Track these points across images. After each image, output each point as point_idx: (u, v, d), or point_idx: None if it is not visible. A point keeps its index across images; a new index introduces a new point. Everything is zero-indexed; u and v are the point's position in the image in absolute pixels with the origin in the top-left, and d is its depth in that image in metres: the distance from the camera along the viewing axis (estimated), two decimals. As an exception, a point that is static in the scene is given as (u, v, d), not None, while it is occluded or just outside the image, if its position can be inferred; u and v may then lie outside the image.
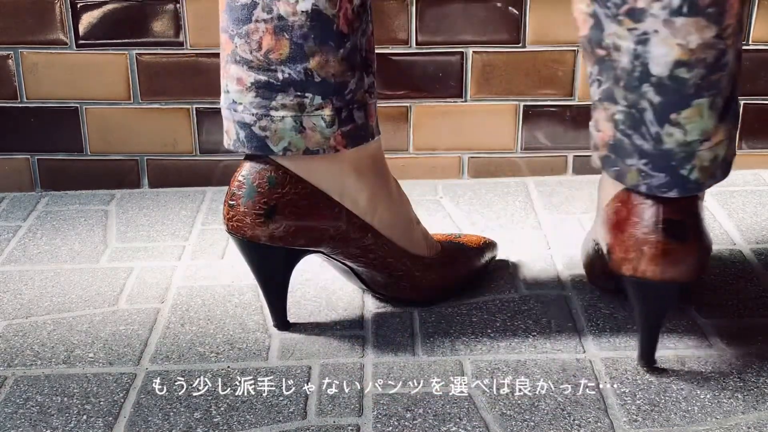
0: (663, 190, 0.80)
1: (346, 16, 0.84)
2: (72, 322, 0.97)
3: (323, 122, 0.85)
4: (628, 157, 0.81)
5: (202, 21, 1.23)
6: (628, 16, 0.76)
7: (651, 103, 0.78)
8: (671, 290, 0.83)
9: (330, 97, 0.85)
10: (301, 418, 0.82)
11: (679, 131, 0.78)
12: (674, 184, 0.80)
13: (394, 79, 1.25)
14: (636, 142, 0.80)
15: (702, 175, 0.80)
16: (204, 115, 1.27)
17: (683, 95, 0.77)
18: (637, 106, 0.79)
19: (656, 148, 0.79)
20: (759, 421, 0.80)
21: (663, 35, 0.76)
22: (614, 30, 0.78)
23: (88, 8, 1.22)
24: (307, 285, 1.04)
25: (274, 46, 0.83)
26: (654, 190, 0.80)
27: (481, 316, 0.97)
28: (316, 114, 0.85)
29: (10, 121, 1.27)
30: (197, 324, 0.97)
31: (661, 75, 0.77)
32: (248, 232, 0.87)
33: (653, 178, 0.80)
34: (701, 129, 0.79)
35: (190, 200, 1.26)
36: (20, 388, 0.87)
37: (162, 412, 0.83)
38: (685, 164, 0.79)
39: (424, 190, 1.28)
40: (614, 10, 0.77)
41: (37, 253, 1.12)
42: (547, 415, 0.81)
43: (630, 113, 0.79)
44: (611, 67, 0.79)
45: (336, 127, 0.86)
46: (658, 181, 0.80)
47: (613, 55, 0.79)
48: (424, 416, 0.81)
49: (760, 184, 1.27)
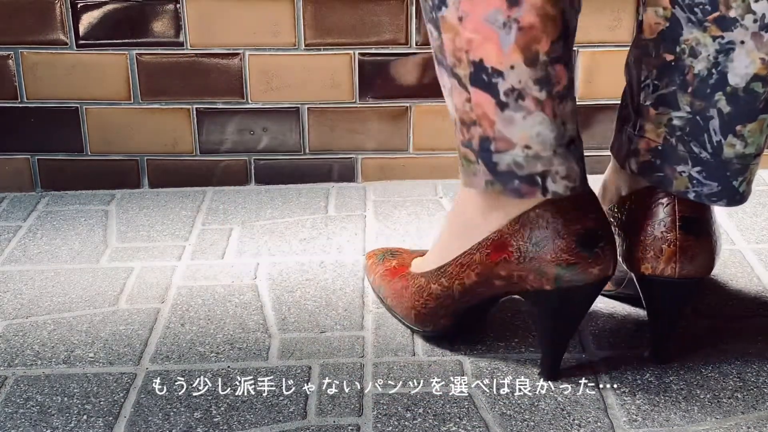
0: (713, 199, 0.82)
1: None
2: (72, 322, 0.97)
3: None
4: (679, 164, 0.81)
5: (202, 21, 1.23)
6: (716, 24, 0.77)
7: (720, 113, 0.79)
8: (691, 287, 0.84)
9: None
10: (301, 418, 0.82)
11: (741, 143, 0.80)
12: (725, 194, 0.81)
13: (394, 79, 1.25)
14: (693, 149, 0.81)
15: (748, 188, 0.82)
16: (204, 115, 1.27)
17: (753, 108, 0.78)
18: (703, 113, 0.79)
19: (715, 157, 0.80)
20: (759, 421, 0.80)
21: (749, 47, 0.76)
22: (695, 35, 0.78)
23: (88, 8, 1.22)
24: (307, 285, 1.04)
25: None
26: (703, 199, 0.82)
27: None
28: None
29: (10, 121, 1.27)
30: (197, 324, 0.97)
31: (737, 86, 0.78)
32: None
33: (705, 186, 0.81)
34: (759, 143, 0.80)
35: (190, 200, 1.26)
36: (20, 388, 0.87)
37: (162, 412, 0.83)
38: (738, 176, 0.81)
39: (424, 190, 1.28)
40: (701, 16, 0.77)
41: (37, 253, 1.12)
42: (547, 415, 0.81)
43: (693, 120, 0.80)
44: (678, 72, 0.80)
45: None
46: (709, 190, 0.81)
47: (685, 61, 0.79)
48: (424, 416, 0.81)
49: (760, 184, 1.27)
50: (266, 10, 1.22)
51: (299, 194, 1.27)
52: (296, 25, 1.23)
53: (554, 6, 0.74)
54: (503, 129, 0.77)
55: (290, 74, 1.25)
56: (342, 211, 1.22)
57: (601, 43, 1.24)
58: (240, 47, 1.24)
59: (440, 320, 0.89)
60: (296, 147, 1.29)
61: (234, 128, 1.28)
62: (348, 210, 1.22)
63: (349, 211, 1.22)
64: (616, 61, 1.20)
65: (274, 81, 1.25)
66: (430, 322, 0.90)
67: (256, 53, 1.24)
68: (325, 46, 1.24)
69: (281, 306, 1.00)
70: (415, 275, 0.90)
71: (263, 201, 1.25)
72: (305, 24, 1.23)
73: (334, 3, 1.22)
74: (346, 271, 1.06)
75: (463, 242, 0.84)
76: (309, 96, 1.26)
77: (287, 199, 1.26)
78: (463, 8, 0.74)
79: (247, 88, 1.26)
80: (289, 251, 1.11)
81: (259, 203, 1.25)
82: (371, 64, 1.25)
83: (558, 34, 0.74)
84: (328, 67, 1.25)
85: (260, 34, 1.23)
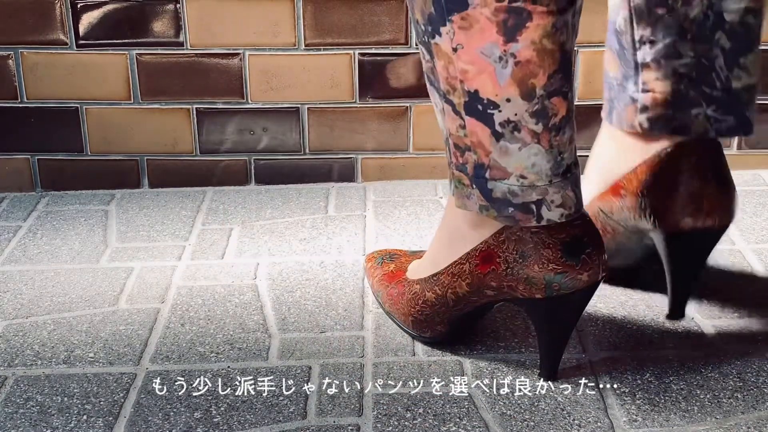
0: (732, 132, 0.86)
1: None
2: (72, 322, 0.97)
3: None
4: (693, 107, 0.85)
5: (202, 21, 1.23)
6: None
7: (723, 50, 0.83)
8: (721, 236, 0.88)
9: None
10: (301, 418, 0.82)
11: (745, 74, 0.84)
12: (740, 126, 0.86)
13: (394, 79, 1.25)
14: (705, 90, 0.84)
15: (754, 117, 0.86)
16: (204, 115, 1.27)
17: (749, 40, 0.83)
18: (708, 55, 0.83)
19: (726, 92, 0.84)
20: (759, 421, 0.80)
21: None
22: None
23: (88, 8, 1.22)
24: (307, 285, 1.04)
25: None
26: (723, 133, 0.85)
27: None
28: None
29: (10, 121, 1.27)
30: (197, 324, 0.97)
31: (734, 21, 0.82)
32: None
33: (722, 122, 0.85)
34: (758, 73, 0.85)
35: (190, 200, 1.26)
36: (20, 388, 0.87)
37: (162, 412, 0.83)
38: (749, 106, 0.85)
39: (424, 190, 1.28)
40: None
41: (37, 253, 1.12)
42: (547, 415, 0.81)
43: (699, 63, 0.83)
44: (675, 23, 0.83)
45: None
46: (727, 125, 0.85)
47: (679, 11, 0.82)
48: (424, 416, 0.81)
49: (760, 184, 1.27)
50: (266, 10, 1.22)
51: (299, 194, 1.27)
52: (296, 25, 1.23)
53: (552, 40, 0.73)
54: (498, 158, 0.77)
55: (290, 74, 1.25)
56: (342, 211, 1.22)
57: (601, 43, 1.24)
58: (240, 47, 1.24)
59: (437, 327, 0.89)
60: (296, 147, 1.29)
61: (234, 128, 1.28)
62: (348, 210, 1.22)
63: (349, 211, 1.22)
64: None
65: (274, 81, 1.25)
66: (427, 328, 0.90)
67: (256, 53, 1.24)
68: (325, 46, 1.24)
69: (281, 306, 1.00)
70: (411, 282, 0.90)
71: (263, 201, 1.26)
72: (305, 24, 1.23)
73: (334, 3, 1.22)
74: (346, 271, 1.06)
75: (453, 252, 0.84)
76: (309, 96, 1.26)
77: (287, 199, 1.26)
78: (457, 40, 0.74)
79: (247, 88, 1.26)
80: (289, 251, 1.11)
81: (259, 203, 1.25)
82: (371, 64, 1.25)
83: (556, 68, 0.74)
84: (328, 67, 1.25)
85: (260, 34, 1.23)
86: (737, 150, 1.30)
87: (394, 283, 0.93)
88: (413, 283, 0.90)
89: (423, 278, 0.88)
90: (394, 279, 0.93)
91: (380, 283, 0.95)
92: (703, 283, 1.01)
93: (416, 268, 0.91)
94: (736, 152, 1.30)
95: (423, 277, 0.88)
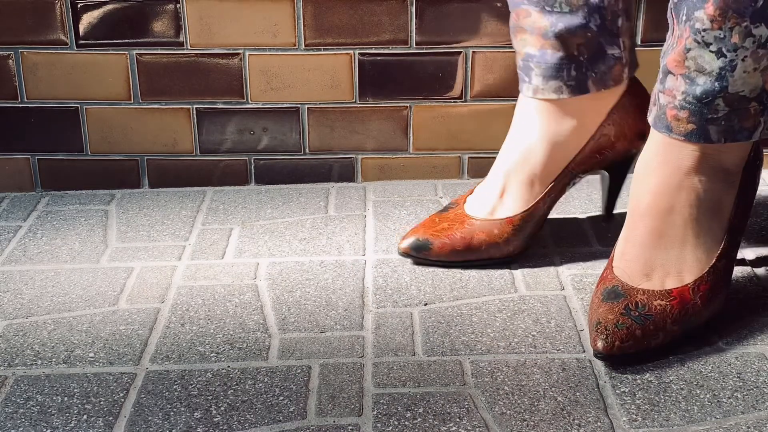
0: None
1: None
2: (72, 321, 0.98)
3: None
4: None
5: (202, 21, 1.23)
6: None
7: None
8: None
9: None
10: (301, 418, 0.82)
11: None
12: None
13: (394, 79, 1.25)
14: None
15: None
16: (204, 114, 1.27)
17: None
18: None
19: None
20: (758, 421, 0.80)
21: None
22: None
23: (88, 8, 1.22)
24: (307, 285, 1.04)
25: None
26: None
27: (481, 316, 0.97)
28: None
29: (10, 121, 1.27)
30: (197, 324, 0.97)
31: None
32: None
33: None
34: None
35: (190, 200, 1.26)
36: (20, 388, 0.87)
37: (162, 411, 0.83)
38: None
39: (424, 190, 1.28)
40: None
41: (38, 253, 1.12)
42: (547, 415, 0.81)
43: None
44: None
45: None
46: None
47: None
48: (424, 416, 0.81)
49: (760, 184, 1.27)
50: (266, 10, 1.22)
51: (299, 194, 1.27)
52: (296, 25, 1.23)
53: None
54: None
55: (290, 74, 1.25)
56: (342, 211, 1.22)
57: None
58: (240, 47, 1.24)
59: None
60: (296, 147, 1.29)
61: (234, 128, 1.28)
62: (348, 210, 1.22)
63: (349, 211, 1.22)
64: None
65: (274, 81, 1.25)
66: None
67: (256, 53, 1.24)
68: (325, 46, 1.24)
69: (281, 306, 1.00)
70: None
71: (263, 201, 1.26)
72: (305, 24, 1.23)
73: (334, 3, 1.22)
74: (346, 271, 1.06)
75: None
76: (309, 96, 1.26)
77: (287, 199, 1.26)
78: None
79: (247, 88, 1.26)
80: (289, 251, 1.11)
81: (259, 203, 1.25)
82: (371, 64, 1.25)
83: None
84: (328, 67, 1.25)
85: (260, 34, 1.23)
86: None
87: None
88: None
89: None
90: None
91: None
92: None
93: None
94: (736, 152, 1.30)
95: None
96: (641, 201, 0.93)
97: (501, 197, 1.06)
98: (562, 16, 0.99)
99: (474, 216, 1.06)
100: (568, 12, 0.99)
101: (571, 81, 1.02)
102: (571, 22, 0.99)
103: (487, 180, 1.08)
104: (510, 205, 1.05)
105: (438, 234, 1.06)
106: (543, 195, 1.05)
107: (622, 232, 0.96)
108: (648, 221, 0.93)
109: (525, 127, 1.05)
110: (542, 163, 1.04)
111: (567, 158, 1.05)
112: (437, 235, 1.05)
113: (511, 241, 1.05)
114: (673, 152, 0.92)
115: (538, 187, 1.05)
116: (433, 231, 1.06)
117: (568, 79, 1.02)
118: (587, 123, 1.05)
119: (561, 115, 1.04)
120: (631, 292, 0.91)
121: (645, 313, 0.89)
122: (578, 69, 1.01)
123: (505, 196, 1.06)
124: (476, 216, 1.06)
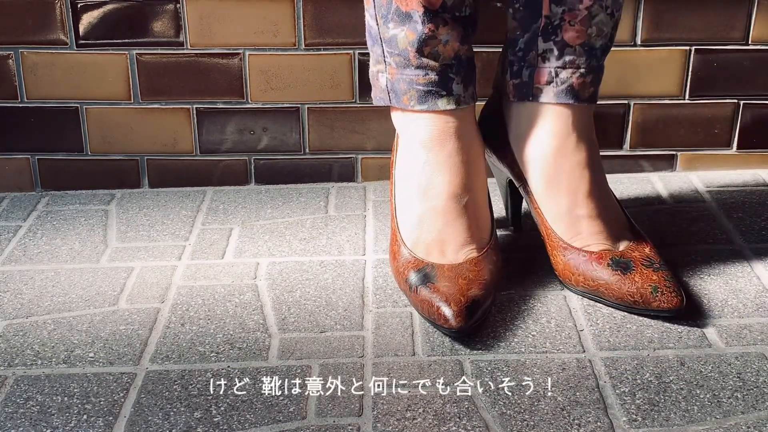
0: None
1: None
2: (72, 321, 0.98)
3: None
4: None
5: (202, 21, 1.23)
6: None
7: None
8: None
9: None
10: (301, 418, 0.82)
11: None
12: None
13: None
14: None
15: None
16: (204, 114, 1.27)
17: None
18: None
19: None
20: (758, 421, 0.80)
21: None
22: None
23: (88, 8, 1.22)
24: (307, 285, 1.04)
25: None
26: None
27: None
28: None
29: (10, 121, 1.27)
30: (197, 324, 0.97)
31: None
32: None
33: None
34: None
35: (190, 200, 1.26)
36: (20, 388, 0.87)
37: (162, 411, 0.83)
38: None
39: (424, 190, 1.28)
40: None
41: (37, 253, 1.12)
42: (547, 415, 0.81)
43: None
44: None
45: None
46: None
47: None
48: (424, 416, 0.82)
49: (760, 184, 1.27)
50: (266, 10, 1.22)
51: (299, 194, 1.27)
52: (296, 25, 1.23)
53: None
54: None
55: (290, 74, 1.25)
56: (342, 211, 1.22)
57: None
58: (240, 47, 1.24)
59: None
60: (296, 147, 1.29)
61: (234, 128, 1.28)
62: (348, 210, 1.22)
63: (349, 211, 1.22)
64: (614, 59, 1.20)
65: (274, 81, 1.25)
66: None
67: (256, 53, 1.24)
68: (325, 46, 1.24)
69: (281, 306, 1.00)
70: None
71: (263, 201, 1.26)
72: (305, 24, 1.23)
73: (334, 3, 1.22)
74: (346, 271, 1.06)
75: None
76: (309, 96, 1.26)
77: (287, 199, 1.26)
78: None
79: (247, 88, 1.26)
80: (289, 251, 1.11)
81: (259, 203, 1.25)
82: (371, 64, 1.25)
83: None
84: (328, 67, 1.25)
85: (260, 34, 1.23)
86: (737, 150, 1.30)
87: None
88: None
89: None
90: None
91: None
92: (702, 283, 1.02)
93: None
94: (736, 152, 1.30)
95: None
96: (553, 179, 0.99)
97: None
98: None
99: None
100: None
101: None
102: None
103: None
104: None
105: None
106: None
107: (567, 215, 1.00)
108: (580, 191, 0.99)
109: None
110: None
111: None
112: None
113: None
114: (561, 119, 0.98)
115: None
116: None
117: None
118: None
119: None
120: (626, 255, 0.98)
121: (660, 262, 0.97)
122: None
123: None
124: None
